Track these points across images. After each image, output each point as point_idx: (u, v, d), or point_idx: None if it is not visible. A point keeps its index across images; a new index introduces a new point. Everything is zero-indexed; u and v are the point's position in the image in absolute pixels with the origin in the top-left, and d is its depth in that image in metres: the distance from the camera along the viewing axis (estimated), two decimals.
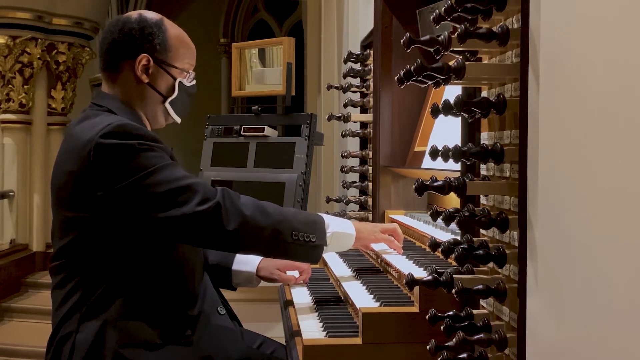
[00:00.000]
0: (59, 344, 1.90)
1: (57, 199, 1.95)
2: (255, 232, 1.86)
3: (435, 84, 1.28)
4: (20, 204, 6.61)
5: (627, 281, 0.82)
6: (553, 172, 1.06)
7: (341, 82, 3.24)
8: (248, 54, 4.15)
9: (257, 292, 2.41)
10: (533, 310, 1.15)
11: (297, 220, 1.93)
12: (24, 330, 5.41)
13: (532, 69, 1.15)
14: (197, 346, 1.93)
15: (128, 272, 1.89)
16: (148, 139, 1.86)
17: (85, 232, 1.89)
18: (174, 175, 1.84)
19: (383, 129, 2.72)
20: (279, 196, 3.42)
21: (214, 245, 1.93)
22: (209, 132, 3.95)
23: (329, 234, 1.98)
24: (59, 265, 1.94)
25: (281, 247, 1.90)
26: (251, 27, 11.54)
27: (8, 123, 6.63)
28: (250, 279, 2.29)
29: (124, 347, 1.84)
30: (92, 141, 1.83)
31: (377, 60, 2.73)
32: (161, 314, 1.91)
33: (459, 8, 1.24)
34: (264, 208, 1.90)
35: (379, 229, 2.16)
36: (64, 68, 6.83)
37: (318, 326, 1.84)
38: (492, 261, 1.28)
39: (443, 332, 1.30)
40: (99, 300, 1.87)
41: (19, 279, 6.21)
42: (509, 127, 1.30)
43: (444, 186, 1.27)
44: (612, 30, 0.87)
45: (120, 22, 2.02)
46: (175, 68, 2.04)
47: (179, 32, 2.07)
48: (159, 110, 2.06)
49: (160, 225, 1.83)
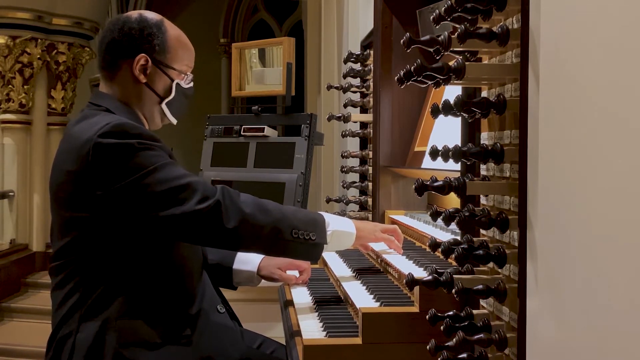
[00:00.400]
0: (59, 344, 1.90)
1: (56, 199, 1.95)
2: (255, 230, 1.86)
3: (435, 84, 1.28)
4: (20, 204, 6.61)
5: (627, 281, 0.82)
6: (553, 172, 1.06)
7: (341, 82, 3.24)
8: (248, 54, 4.15)
9: (257, 292, 2.42)
10: (533, 310, 1.15)
11: (297, 218, 1.93)
12: (24, 330, 5.42)
13: (532, 69, 1.15)
14: (196, 346, 1.93)
15: (127, 272, 1.89)
16: (147, 138, 1.86)
17: (85, 232, 1.89)
18: (174, 173, 1.84)
19: (383, 129, 2.72)
20: (279, 196, 3.42)
21: (214, 244, 1.93)
22: (209, 132, 3.95)
23: (329, 232, 1.98)
24: (58, 266, 1.94)
25: (281, 245, 1.90)
26: (251, 27, 11.54)
27: (8, 123, 6.63)
28: (251, 278, 2.29)
29: (124, 347, 1.84)
30: (90, 141, 1.83)
31: (377, 60, 2.73)
32: (161, 313, 1.91)
33: (459, 8, 1.24)
34: (264, 206, 1.90)
35: (380, 229, 2.16)
36: (64, 68, 6.83)
37: (318, 326, 1.83)
38: (492, 261, 1.28)
39: (443, 332, 1.30)
40: (98, 300, 1.87)
41: (19, 279, 6.21)
42: (509, 127, 1.30)
43: (444, 186, 1.27)
44: (612, 30, 0.87)
45: (120, 21, 2.02)
46: (173, 69, 2.04)
47: (178, 34, 2.07)
48: (156, 110, 2.06)
49: (160, 224, 1.83)
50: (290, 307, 2.07)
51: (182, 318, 1.94)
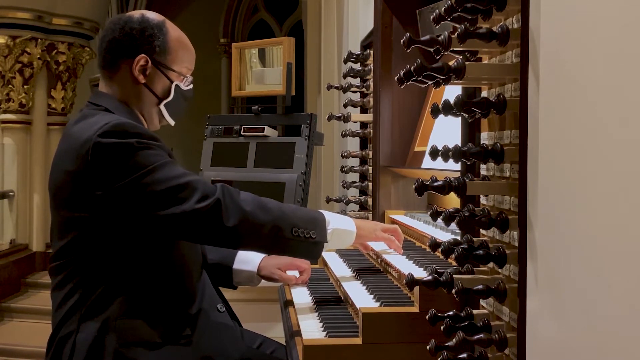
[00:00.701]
0: (59, 344, 1.90)
1: (56, 199, 1.95)
2: (255, 229, 1.86)
3: (435, 84, 1.28)
4: (20, 204, 6.61)
5: (627, 281, 0.82)
6: (553, 172, 1.06)
7: (341, 82, 3.24)
8: (248, 54, 4.14)
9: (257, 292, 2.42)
10: (533, 310, 1.15)
11: (297, 216, 1.93)
12: (24, 330, 5.41)
13: (532, 69, 1.15)
14: (196, 345, 1.93)
15: (127, 272, 1.89)
16: (146, 137, 1.86)
17: (85, 232, 1.89)
18: (173, 173, 1.84)
19: (383, 129, 2.72)
20: (279, 196, 3.42)
21: (214, 242, 1.93)
22: (209, 132, 3.95)
23: (330, 231, 1.98)
24: (58, 266, 1.94)
25: (281, 243, 1.90)
26: (251, 27, 11.54)
27: (8, 123, 6.64)
28: (251, 278, 2.29)
29: (124, 347, 1.85)
30: (90, 140, 1.83)
31: (377, 60, 2.73)
32: (161, 313, 1.91)
33: (459, 8, 1.24)
34: (264, 204, 1.90)
35: (380, 228, 2.16)
36: (64, 68, 6.83)
37: (318, 326, 1.84)
38: (492, 261, 1.28)
39: (443, 332, 1.30)
40: (98, 300, 1.87)
41: (19, 279, 6.21)
42: (509, 127, 1.30)
43: (444, 186, 1.27)
44: (612, 30, 0.87)
45: (122, 20, 2.02)
46: (172, 71, 2.04)
47: (180, 35, 2.07)
48: (154, 111, 2.06)
49: (160, 223, 1.83)
50: (290, 307, 2.07)
51: (182, 318, 1.94)
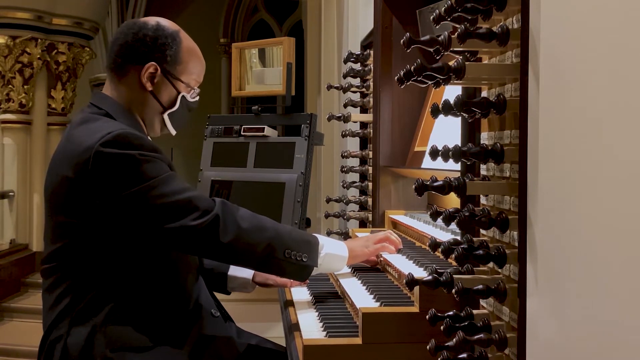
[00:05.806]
0: (50, 347, 1.90)
1: (51, 203, 1.94)
2: (250, 247, 1.89)
3: (435, 84, 1.28)
4: (20, 204, 6.61)
5: (627, 281, 0.82)
6: (553, 172, 1.06)
7: (341, 82, 3.24)
8: (248, 54, 4.14)
9: (257, 292, 2.41)
10: (533, 310, 1.15)
11: (292, 238, 1.95)
12: (24, 330, 5.41)
13: (532, 69, 1.15)
14: (190, 351, 1.93)
15: (119, 279, 1.89)
16: (149, 149, 1.86)
17: (78, 238, 1.88)
18: (173, 187, 1.85)
19: (383, 129, 2.72)
20: (279, 196, 3.42)
21: (208, 256, 1.98)
22: (209, 132, 3.95)
23: (322, 255, 2.00)
24: (49, 269, 1.94)
25: (273, 263, 1.93)
26: (251, 27, 11.53)
27: (8, 123, 6.64)
28: (246, 284, 2.30)
29: (114, 352, 1.84)
30: (91, 149, 1.82)
31: (377, 60, 2.73)
32: (152, 319, 1.91)
33: (459, 8, 1.24)
34: (261, 224, 1.92)
35: (371, 241, 2.17)
36: (64, 68, 6.83)
37: (318, 326, 1.84)
38: (492, 261, 1.28)
39: (443, 332, 1.30)
40: (89, 305, 1.87)
41: (19, 279, 6.21)
42: (509, 127, 1.30)
43: (444, 186, 1.27)
44: (611, 30, 0.87)
45: (136, 25, 2.01)
46: (181, 82, 2.04)
47: (192, 47, 2.06)
48: (157, 119, 2.05)
49: (158, 236, 1.85)
50: (290, 307, 2.07)
51: (175, 323, 1.94)
